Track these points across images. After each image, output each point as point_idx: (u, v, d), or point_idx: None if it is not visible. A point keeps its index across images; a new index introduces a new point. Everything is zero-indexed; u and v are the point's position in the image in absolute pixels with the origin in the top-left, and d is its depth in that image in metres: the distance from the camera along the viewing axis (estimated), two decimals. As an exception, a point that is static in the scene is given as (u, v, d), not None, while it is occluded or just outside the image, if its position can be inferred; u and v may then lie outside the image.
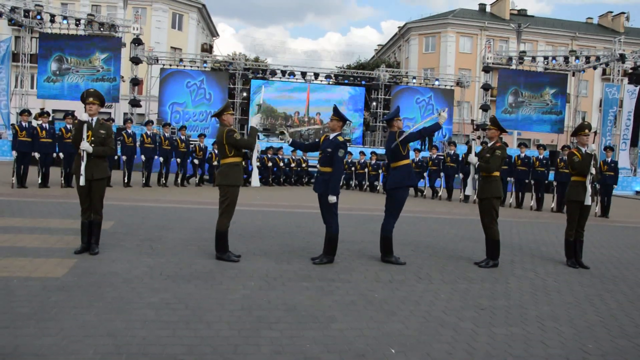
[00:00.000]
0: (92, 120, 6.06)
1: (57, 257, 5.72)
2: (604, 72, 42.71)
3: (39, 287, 4.67)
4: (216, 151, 15.81)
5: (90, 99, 6.04)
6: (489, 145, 6.95)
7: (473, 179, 7.08)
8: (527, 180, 15.00)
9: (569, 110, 32.29)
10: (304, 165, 18.60)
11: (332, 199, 6.10)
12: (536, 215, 13.19)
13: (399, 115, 6.86)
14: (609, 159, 13.90)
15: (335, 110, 6.50)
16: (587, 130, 7.20)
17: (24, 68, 29.22)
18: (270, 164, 17.43)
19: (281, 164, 17.83)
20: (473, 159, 6.95)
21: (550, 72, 30.78)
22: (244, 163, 6.52)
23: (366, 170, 17.89)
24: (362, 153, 18.94)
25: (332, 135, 6.40)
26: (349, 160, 18.37)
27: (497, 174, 6.76)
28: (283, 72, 30.75)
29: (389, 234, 6.54)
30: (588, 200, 6.88)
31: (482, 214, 6.79)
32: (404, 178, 6.47)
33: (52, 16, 27.16)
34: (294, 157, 18.30)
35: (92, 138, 5.98)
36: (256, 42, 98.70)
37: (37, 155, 12.52)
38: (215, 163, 15.18)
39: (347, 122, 6.79)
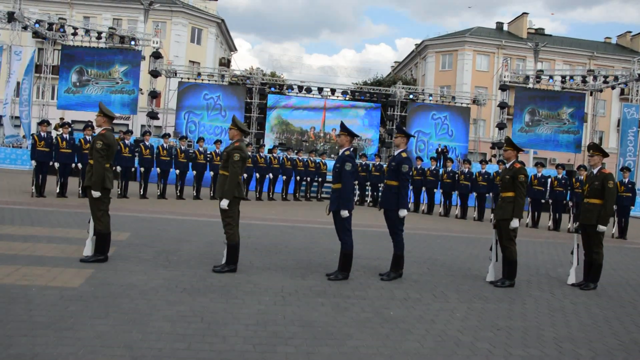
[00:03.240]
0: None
1: (74, 267, 5.78)
2: (622, 92, 42.37)
3: (56, 296, 4.71)
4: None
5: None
6: (507, 166, 6.91)
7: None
8: (543, 200, 14.89)
9: (586, 130, 32.03)
10: (322, 169, 18.32)
11: (344, 213, 6.11)
12: (553, 235, 13.06)
13: (401, 132, 6.82)
14: (626, 180, 13.76)
15: (343, 126, 6.54)
16: (591, 151, 7.18)
17: (46, 79, 29.75)
18: (289, 164, 17.23)
19: (300, 165, 17.57)
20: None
21: (568, 91, 30.60)
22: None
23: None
24: (377, 155, 19.03)
25: (341, 151, 6.46)
26: (363, 163, 18.30)
27: (513, 194, 6.72)
28: (300, 88, 30.91)
29: (399, 252, 6.55)
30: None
31: (501, 234, 6.74)
32: (392, 200, 6.51)
33: (75, 29, 27.65)
34: (311, 159, 18.15)
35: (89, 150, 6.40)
36: (272, 57, 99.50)
37: (56, 165, 12.71)
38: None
39: (356, 136, 6.81)
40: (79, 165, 13.01)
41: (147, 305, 4.65)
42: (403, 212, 6.45)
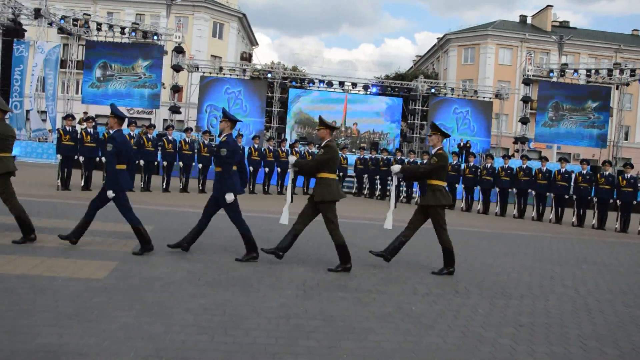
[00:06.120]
0: None
1: (99, 260, 5.86)
2: (649, 86, 41.53)
3: (81, 288, 4.78)
4: (256, 146, 16.15)
5: None
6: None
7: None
8: (567, 196, 14.67)
9: (611, 125, 31.42)
10: (343, 163, 18.28)
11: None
12: (577, 232, 12.88)
13: (225, 116, 6.70)
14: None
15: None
16: (430, 131, 6.88)
17: (70, 74, 30.15)
18: (310, 159, 17.20)
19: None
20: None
21: (593, 85, 30.04)
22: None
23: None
24: (398, 150, 19.15)
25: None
26: (385, 157, 18.26)
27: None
28: (321, 82, 30.87)
29: (245, 233, 6.57)
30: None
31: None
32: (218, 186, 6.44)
33: (99, 25, 27.98)
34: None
35: None
36: (292, 51, 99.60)
37: (81, 158, 12.88)
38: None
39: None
40: (103, 158, 13.17)
41: (170, 298, 4.70)
42: (229, 197, 6.32)
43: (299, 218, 6.50)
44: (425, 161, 15.87)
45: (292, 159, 6.68)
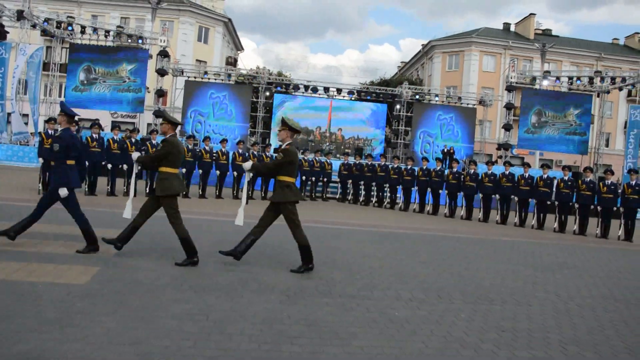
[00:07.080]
0: None
1: (81, 264, 5.82)
2: (629, 94, 42.27)
3: (64, 292, 4.74)
4: (240, 151, 15.97)
5: None
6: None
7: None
8: (549, 202, 14.83)
9: (593, 132, 31.88)
10: (327, 169, 18.30)
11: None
12: (558, 237, 13.02)
13: (62, 110, 6.75)
14: (634, 182, 13.64)
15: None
16: (280, 126, 6.81)
17: (54, 77, 29.89)
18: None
19: (306, 165, 17.53)
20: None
21: (575, 92, 30.47)
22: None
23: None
24: (382, 156, 19.19)
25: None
26: (369, 163, 18.26)
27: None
28: (306, 87, 30.93)
29: (83, 227, 6.67)
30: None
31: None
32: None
33: (83, 27, 27.77)
34: (317, 158, 18.09)
35: None
36: (278, 56, 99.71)
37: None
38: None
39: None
40: (86, 162, 13.05)
41: (154, 303, 4.68)
42: (62, 191, 6.49)
43: (140, 211, 6.58)
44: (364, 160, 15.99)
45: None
